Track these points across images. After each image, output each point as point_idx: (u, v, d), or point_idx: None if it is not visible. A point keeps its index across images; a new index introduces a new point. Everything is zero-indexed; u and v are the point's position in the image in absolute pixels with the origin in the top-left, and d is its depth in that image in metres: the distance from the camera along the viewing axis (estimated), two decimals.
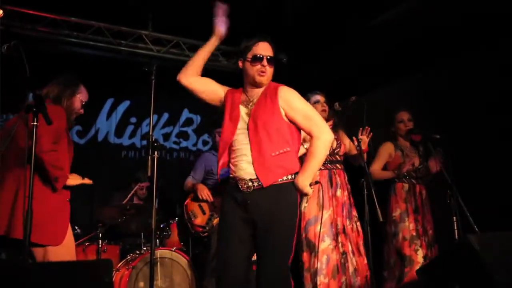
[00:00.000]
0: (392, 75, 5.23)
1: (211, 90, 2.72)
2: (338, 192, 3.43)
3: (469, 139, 4.26)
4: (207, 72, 2.74)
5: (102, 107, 6.21)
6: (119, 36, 5.52)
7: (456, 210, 3.27)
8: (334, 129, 3.62)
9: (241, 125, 2.59)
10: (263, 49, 2.60)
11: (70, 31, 5.27)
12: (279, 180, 2.48)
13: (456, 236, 3.24)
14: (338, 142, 3.59)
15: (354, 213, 3.49)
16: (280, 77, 2.70)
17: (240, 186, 2.50)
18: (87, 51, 5.47)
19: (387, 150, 4.09)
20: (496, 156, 4.17)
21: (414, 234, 3.80)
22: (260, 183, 2.47)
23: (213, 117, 4.18)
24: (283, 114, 2.57)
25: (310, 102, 3.51)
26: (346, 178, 3.58)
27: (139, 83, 4.36)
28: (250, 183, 2.48)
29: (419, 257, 3.73)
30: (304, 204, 3.39)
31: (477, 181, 4.10)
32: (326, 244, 3.27)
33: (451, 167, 3.37)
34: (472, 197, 3.44)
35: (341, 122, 3.71)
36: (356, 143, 3.31)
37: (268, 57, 2.59)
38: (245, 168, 2.51)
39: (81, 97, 3.25)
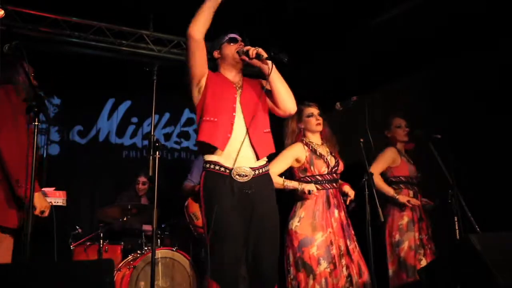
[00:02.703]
0: (392, 75, 5.23)
1: (205, 58, 2.63)
2: (336, 213, 3.31)
3: (469, 139, 4.26)
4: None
5: (103, 107, 6.23)
6: (120, 36, 5.53)
7: (457, 210, 3.27)
8: (329, 143, 3.53)
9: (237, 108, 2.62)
10: (237, 36, 2.75)
11: (71, 31, 5.28)
12: (267, 166, 2.64)
13: (458, 236, 3.24)
14: (336, 160, 3.44)
15: (352, 232, 3.39)
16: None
17: (238, 176, 2.51)
18: (88, 51, 5.48)
19: (391, 154, 3.96)
20: (496, 156, 4.18)
21: (419, 243, 3.74)
22: (257, 171, 2.55)
23: None
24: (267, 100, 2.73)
25: (303, 115, 3.47)
26: (341, 198, 3.45)
27: (140, 83, 4.36)
28: (249, 172, 2.52)
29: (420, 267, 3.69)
30: (295, 223, 3.28)
31: (478, 181, 4.10)
32: (323, 267, 3.15)
33: (452, 167, 3.36)
34: (473, 197, 3.45)
35: (335, 137, 3.61)
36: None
37: (242, 39, 2.73)
38: (245, 156, 2.53)
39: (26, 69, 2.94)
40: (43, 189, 3.26)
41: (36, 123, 2.49)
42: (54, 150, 5.85)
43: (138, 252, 4.19)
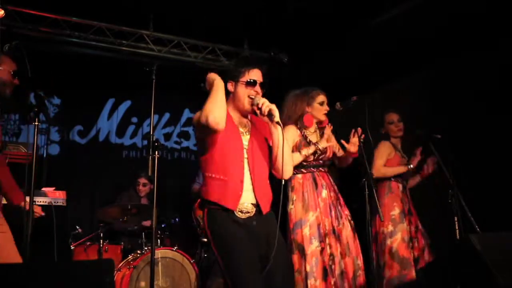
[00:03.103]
0: (392, 75, 5.23)
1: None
2: (324, 193, 3.34)
3: (469, 139, 4.26)
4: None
5: (103, 107, 6.24)
6: (120, 36, 5.53)
7: (457, 210, 3.27)
8: (322, 131, 3.53)
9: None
10: (257, 75, 2.64)
11: (72, 31, 5.27)
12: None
13: (458, 236, 3.24)
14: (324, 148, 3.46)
15: (347, 212, 3.41)
16: (280, 77, 2.70)
17: (240, 212, 2.51)
18: (88, 51, 5.48)
19: (387, 149, 4.01)
20: (496, 156, 4.18)
21: (409, 235, 3.75)
22: (259, 209, 2.53)
23: None
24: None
25: (314, 102, 3.48)
26: (331, 179, 3.49)
27: (140, 83, 4.36)
28: (251, 208, 2.51)
29: (412, 259, 3.69)
30: (290, 206, 3.34)
31: (478, 181, 4.10)
32: (314, 246, 3.21)
33: (452, 167, 3.36)
34: (473, 197, 3.45)
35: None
36: (359, 145, 3.25)
37: (261, 83, 2.64)
38: (246, 195, 2.53)
39: (7, 67, 2.87)
40: (43, 189, 3.27)
41: (36, 123, 2.49)
42: (54, 150, 5.86)
43: (138, 252, 4.19)
